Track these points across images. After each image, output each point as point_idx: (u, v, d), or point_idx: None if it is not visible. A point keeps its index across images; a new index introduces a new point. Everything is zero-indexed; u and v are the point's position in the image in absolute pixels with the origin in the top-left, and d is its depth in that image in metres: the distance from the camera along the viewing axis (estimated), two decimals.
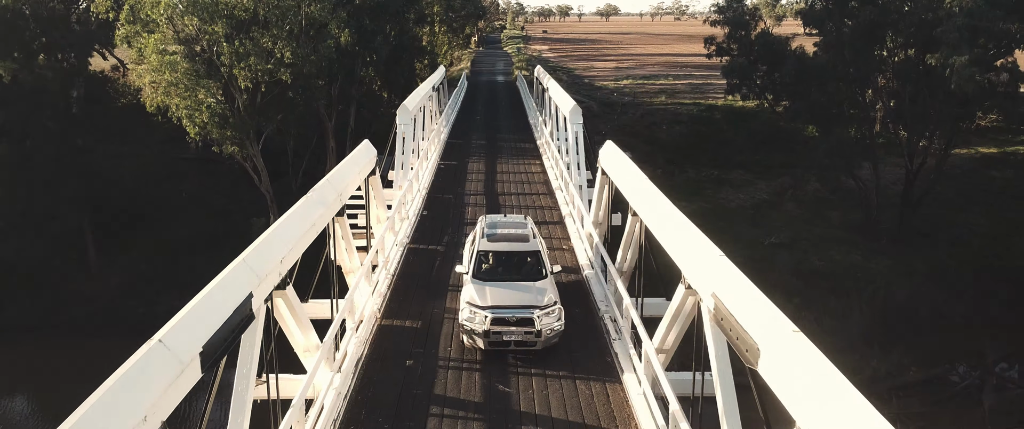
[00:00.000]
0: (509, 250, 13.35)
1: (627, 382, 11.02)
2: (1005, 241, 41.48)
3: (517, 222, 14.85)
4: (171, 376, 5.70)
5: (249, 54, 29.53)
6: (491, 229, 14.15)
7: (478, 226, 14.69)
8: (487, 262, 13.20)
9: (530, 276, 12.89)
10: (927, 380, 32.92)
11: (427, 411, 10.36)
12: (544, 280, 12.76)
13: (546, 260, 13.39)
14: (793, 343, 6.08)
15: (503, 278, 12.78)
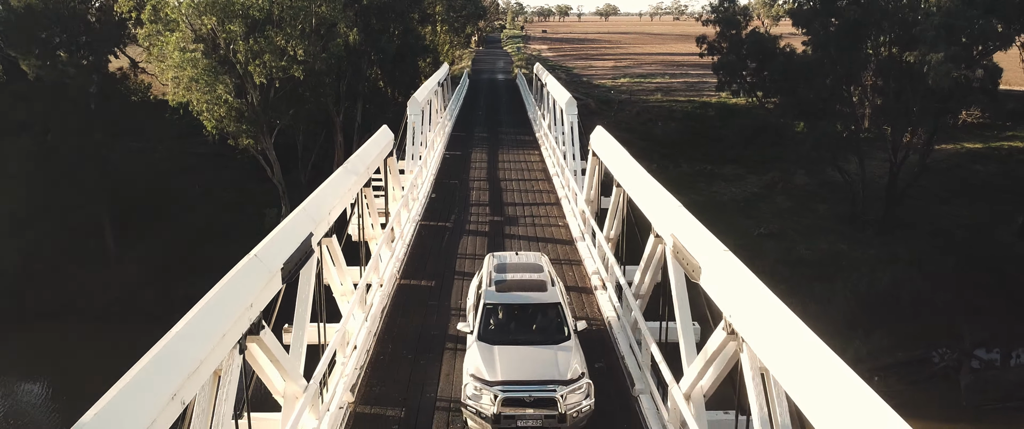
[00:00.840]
0: (522, 302, 11.25)
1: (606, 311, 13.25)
2: (986, 232, 43.65)
3: (530, 264, 12.67)
4: (264, 280, 7.91)
5: (264, 52, 31.75)
6: (499, 273, 12.07)
7: (483, 269, 12.66)
8: (495, 318, 11.13)
9: (549, 336, 10.83)
10: (907, 362, 34.98)
11: (443, 346, 12.60)
12: (567, 342, 10.68)
13: (569, 313, 11.31)
14: (723, 260, 8.30)
15: (516, 339, 10.74)
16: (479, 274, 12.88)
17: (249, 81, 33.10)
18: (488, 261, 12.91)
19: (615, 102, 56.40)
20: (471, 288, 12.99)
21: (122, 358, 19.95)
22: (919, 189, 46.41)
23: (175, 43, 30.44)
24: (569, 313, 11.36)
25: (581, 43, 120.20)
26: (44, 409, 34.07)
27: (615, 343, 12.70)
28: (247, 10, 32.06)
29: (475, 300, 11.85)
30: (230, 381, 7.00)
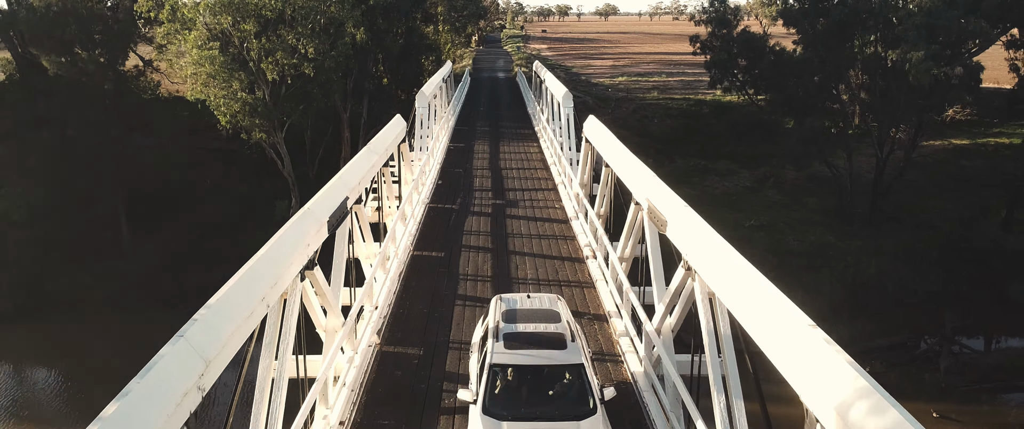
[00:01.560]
0: (537, 363, 9.52)
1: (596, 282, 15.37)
2: (971, 225, 45.77)
3: (545, 311, 10.59)
4: (316, 227, 10.00)
5: (276, 49, 33.88)
6: (508, 324, 10.17)
7: (489, 316, 10.75)
8: (503, 382, 9.43)
9: (570, 408, 9.11)
10: (890, 346, 37.00)
11: (454, 301, 14.72)
12: (593, 416, 9.04)
13: (593, 377, 9.61)
14: (684, 214, 10.38)
15: (529, 411, 9.07)
16: (483, 322, 11.05)
17: (261, 78, 35.20)
18: (494, 307, 10.80)
19: (612, 100, 58.51)
20: (474, 338, 11.20)
21: (138, 344, 23.14)
22: (906, 184, 48.54)
23: (193, 41, 32.53)
24: (594, 376, 9.58)
25: (580, 42, 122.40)
26: (60, 395, 35.66)
27: (601, 301, 14.81)
28: (260, 10, 34.19)
29: (479, 355, 10.12)
30: (294, 304, 9.05)
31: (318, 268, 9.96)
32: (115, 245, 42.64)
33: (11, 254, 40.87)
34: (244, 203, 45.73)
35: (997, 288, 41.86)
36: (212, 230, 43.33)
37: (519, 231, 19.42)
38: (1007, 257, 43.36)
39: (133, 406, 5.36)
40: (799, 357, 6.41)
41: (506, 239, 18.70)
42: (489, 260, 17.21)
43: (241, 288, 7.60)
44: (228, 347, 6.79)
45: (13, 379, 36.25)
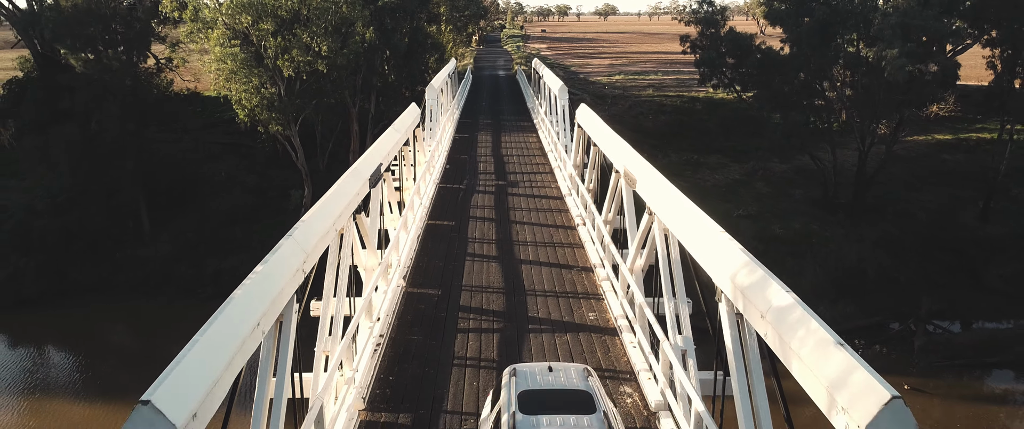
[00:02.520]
0: None
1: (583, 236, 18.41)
2: (950, 216, 48.80)
3: (573, 391, 8.29)
4: (361, 182, 13.01)
5: (292, 47, 36.91)
6: (525, 414, 7.77)
7: (501, 398, 8.34)
8: None
9: None
10: (867, 326, 39.95)
11: (464, 257, 17.76)
12: None
13: None
14: (650, 174, 13.37)
15: None
16: (491, 401, 8.94)
17: (278, 74, 38.23)
18: (507, 385, 8.38)
19: (609, 97, 61.57)
20: (481, 419, 9.13)
21: (158, 328, 26.90)
22: (889, 176, 51.61)
23: (216, 39, 35.55)
24: None
25: (579, 42, 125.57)
26: (83, 375, 38.16)
27: (588, 257, 17.84)
28: (276, 10, 37.25)
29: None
30: (349, 240, 12.01)
31: (363, 215, 12.97)
32: (136, 234, 45.59)
33: (36, 242, 43.75)
34: (256, 194, 48.80)
35: (973, 274, 44.87)
36: (227, 220, 46.32)
37: (519, 206, 22.47)
38: (982, 245, 46.43)
39: (262, 278, 8.29)
40: (714, 255, 9.38)
41: (508, 212, 21.75)
42: (493, 228, 20.24)
43: (317, 215, 10.57)
44: (317, 249, 9.78)
45: (38, 360, 38.74)
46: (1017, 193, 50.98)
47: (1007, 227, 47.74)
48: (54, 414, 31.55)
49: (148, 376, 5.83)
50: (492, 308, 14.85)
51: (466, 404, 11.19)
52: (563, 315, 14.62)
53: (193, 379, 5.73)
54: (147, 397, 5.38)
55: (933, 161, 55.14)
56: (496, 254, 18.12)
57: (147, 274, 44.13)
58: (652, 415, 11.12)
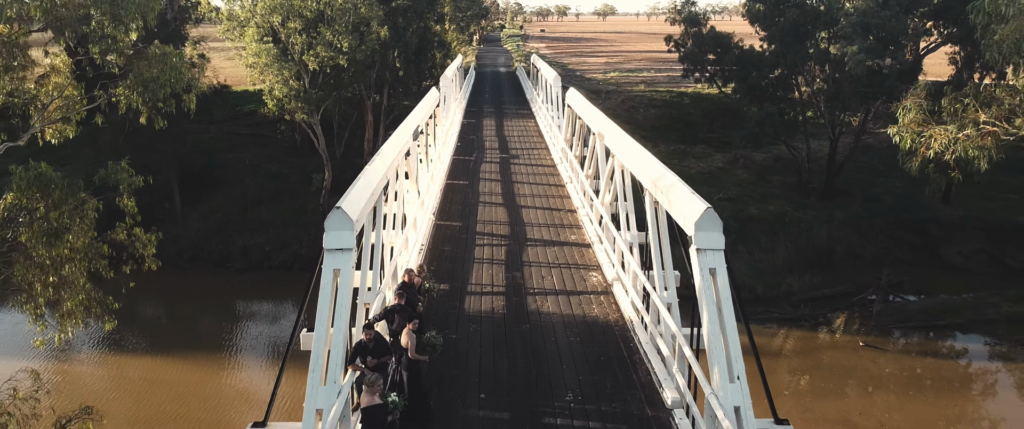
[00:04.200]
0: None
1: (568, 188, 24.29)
2: (915, 199, 54.58)
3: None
4: (406, 137, 18.86)
5: (317, 44, 42.76)
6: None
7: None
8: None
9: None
10: (831, 295, 45.60)
11: (477, 204, 23.61)
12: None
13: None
14: (616, 132, 19.20)
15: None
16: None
17: (304, 68, 44.08)
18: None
19: (603, 93, 67.48)
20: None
21: (191, 297, 34.46)
22: (861, 164, 57.46)
23: (251, 36, 41.41)
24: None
25: (577, 41, 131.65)
26: (124, 338, 43.48)
27: (573, 203, 23.72)
28: (302, 10, 43.11)
29: None
30: (413, 157, 17.79)
31: (421, 137, 18.80)
32: (170, 214, 51.38)
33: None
34: (278, 180, 54.67)
35: (933, 252, 50.57)
36: (252, 202, 52.15)
37: (519, 171, 28.36)
38: (943, 226, 52.17)
39: (374, 165, 14.11)
40: (644, 172, 15.12)
41: (510, 175, 27.62)
42: (499, 186, 26.11)
43: (386, 148, 16.37)
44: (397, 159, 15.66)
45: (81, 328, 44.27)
46: (978, 178, 56.77)
47: (967, 209, 53.43)
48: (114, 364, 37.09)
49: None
50: (499, 233, 20.71)
51: (483, 282, 17.04)
52: (553, 238, 20.52)
53: (355, 199, 11.56)
54: (339, 204, 11.14)
55: None
56: (502, 202, 24.00)
57: (180, 249, 49.79)
58: (609, 285, 16.97)
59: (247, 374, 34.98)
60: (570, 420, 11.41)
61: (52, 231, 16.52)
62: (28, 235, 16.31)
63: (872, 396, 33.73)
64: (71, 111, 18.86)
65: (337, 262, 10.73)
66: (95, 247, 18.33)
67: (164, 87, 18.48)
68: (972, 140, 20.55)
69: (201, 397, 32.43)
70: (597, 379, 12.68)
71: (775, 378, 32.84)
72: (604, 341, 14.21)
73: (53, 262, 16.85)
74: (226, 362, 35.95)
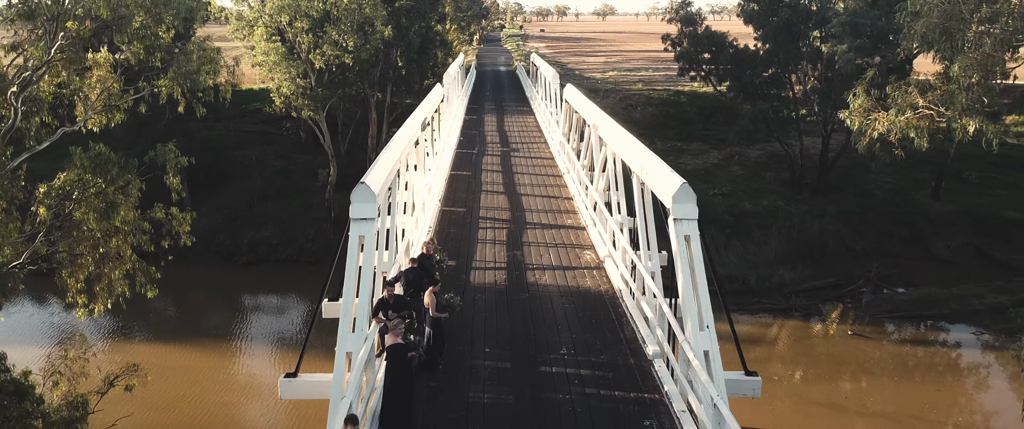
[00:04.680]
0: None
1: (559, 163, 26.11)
2: (905, 194, 56.38)
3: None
4: (419, 122, 20.66)
5: (323, 43, 44.55)
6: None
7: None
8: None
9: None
10: (821, 286, 47.38)
11: (480, 192, 25.40)
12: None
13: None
14: (609, 123, 21.00)
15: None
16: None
17: (310, 67, 45.88)
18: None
19: (601, 91, 69.29)
20: None
21: (200, 289, 36.78)
22: (853, 160, 59.18)
23: (259, 36, 43.21)
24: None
25: (577, 41, 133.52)
26: (134, 329, 45.10)
27: (570, 191, 25.51)
28: (309, 10, 44.92)
29: None
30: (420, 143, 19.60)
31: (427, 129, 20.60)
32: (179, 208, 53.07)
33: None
34: (284, 176, 56.48)
35: (922, 245, 52.31)
36: (258, 196, 53.93)
37: (519, 162, 30.21)
38: (932, 220, 53.94)
39: (391, 146, 15.92)
40: (632, 158, 16.89)
41: (511, 166, 29.45)
42: (500, 176, 27.93)
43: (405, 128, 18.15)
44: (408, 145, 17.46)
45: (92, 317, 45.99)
46: (967, 175, 58.60)
47: (955, 204, 55.19)
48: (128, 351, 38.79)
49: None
50: (500, 217, 22.53)
51: (486, 259, 18.83)
52: (550, 222, 22.37)
53: (376, 176, 13.39)
54: (363, 181, 12.93)
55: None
56: (503, 190, 25.82)
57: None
58: (601, 262, 18.79)
59: (255, 361, 36.74)
60: (564, 369, 13.20)
61: (108, 205, 18.35)
62: (83, 209, 18.12)
63: (859, 382, 35.46)
64: (112, 101, 20.61)
65: (362, 229, 12.51)
66: (138, 223, 20.11)
67: (205, 78, 20.34)
68: (910, 122, 22.69)
69: (212, 382, 34.19)
70: (588, 337, 14.48)
71: (767, 366, 34.58)
72: (595, 307, 16.00)
73: (102, 234, 18.67)
74: (234, 350, 37.72)
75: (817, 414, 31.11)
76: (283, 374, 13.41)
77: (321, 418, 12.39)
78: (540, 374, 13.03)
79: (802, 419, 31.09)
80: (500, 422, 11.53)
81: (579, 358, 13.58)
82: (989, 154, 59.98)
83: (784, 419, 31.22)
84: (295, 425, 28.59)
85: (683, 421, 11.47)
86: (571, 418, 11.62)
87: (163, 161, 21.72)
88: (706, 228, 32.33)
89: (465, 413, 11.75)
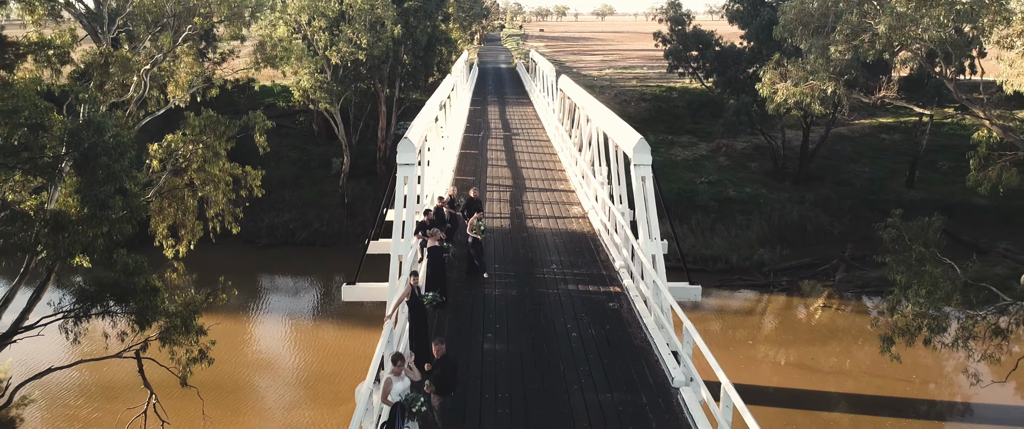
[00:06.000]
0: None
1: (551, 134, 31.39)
2: (881, 183, 61.63)
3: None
4: (437, 102, 25.89)
5: (339, 40, 49.80)
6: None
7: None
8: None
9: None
10: (798, 265, 52.52)
11: (486, 166, 30.64)
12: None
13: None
14: (590, 102, 26.25)
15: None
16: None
17: (326, 63, 51.13)
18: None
19: (597, 87, 74.62)
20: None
21: (222, 271, 42.44)
22: (834, 152, 64.57)
23: (282, 33, 48.43)
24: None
25: (575, 41, 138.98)
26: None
27: (563, 165, 30.75)
28: (326, 10, 50.19)
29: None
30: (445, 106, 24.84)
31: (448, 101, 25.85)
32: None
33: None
34: (299, 166, 61.68)
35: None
36: (277, 185, 59.05)
37: (519, 143, 35.49)
38: (904, 206, 58.91)
39: (427, 107, 21.17)
40: (605, 124, 22.13)
41: (512, 146, 34.69)
42: (503, 155, 33.18)
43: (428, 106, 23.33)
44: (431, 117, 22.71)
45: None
46: (941, 165, 63.88)
47: (928, 192, 60.40)
48: None
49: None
50: (503, 184, 27.80)
51: (493, 212, 24.05)
52: (546, 186, 27.62)
53: (414, 134, 18.72)
54: (406, 136, 18.19)
55: (873, 140, 68.17)
56: (505, 164, 31.08)
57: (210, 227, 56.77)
58: (585, 213, 24.05)
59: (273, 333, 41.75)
60: (553, 276, 18.48)
61: (214, 153, 23.72)
62: (196, 159, 23.45)
63: (826, 346, 40.61)
64: (197, 82, 25.94)
65: (405, 172, 17.75)
66: (228, 173, 25.45)
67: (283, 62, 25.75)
68: (802, 90, 28.75)
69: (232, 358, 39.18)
70: (573, 258, 19.75)
71: (748, 334, 39.62)
72: (579, 241, 21.28)
73: (200, 182, 24.02)
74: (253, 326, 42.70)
75: (794, 373, 36.14)
76: (344, 282, 18.60)
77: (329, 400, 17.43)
78: (536, 279, 18.27)
79: (781, 378, 36.13)
80: (508, 306, 16.78)
81: (565, 271, 18.82)
82: (963, 145, 65.33)
83: (765, 378, 36.27)
84: (304, 400, 32.38)
85: (636, 302, 16.70)
86: (558, 304, 16.87)
87: (253, 124, 26.81)
88: (693, 213, 37.13)
89: (482, 301, 17.01)
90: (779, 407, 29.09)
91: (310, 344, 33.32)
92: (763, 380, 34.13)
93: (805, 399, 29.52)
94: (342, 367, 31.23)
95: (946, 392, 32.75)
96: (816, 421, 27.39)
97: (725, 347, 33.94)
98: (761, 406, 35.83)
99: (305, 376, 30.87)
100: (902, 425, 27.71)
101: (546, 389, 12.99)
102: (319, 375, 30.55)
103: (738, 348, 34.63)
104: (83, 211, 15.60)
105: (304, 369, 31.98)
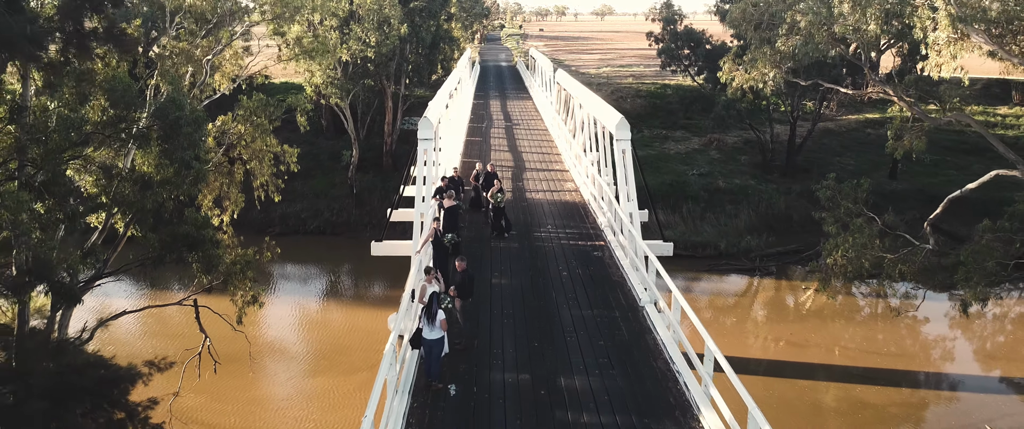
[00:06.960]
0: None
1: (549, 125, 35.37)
2: (865, 174, 65.50)
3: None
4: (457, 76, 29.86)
5: (349, 39, 53.78)
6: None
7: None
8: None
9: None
10: (784, 252, 56.50)
11: (490, 153, 34.63)
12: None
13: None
14: (585, 92, 30.23)
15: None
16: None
17: (338, 60, 55.11)
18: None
19: (594, 85, 78.65)
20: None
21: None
22: (821, 146, 68.57)
23: (296, 31, 52.41)
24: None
25: (574, 40, 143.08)
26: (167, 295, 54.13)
27: (559, 149, 34.74)
28: (336, 10, 54.18)
29: None
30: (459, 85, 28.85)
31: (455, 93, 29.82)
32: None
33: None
34: (309, 158, 65.50)
35: (878, 219, 61.31)
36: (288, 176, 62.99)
37: (519, 132, 39.46)
38: (887, 197, 63.01)
39: (445, 86, 25.17)
40: (589, 105, 26.06)
41: (513, 134, 38.65)
42: (504, 141, 37.15)
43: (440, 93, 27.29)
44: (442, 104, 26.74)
45: (131, 285, 54.86)
46: (923, 158, 67.86)
47: (910, 183, 64.37)
48: None
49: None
50: (506, 166, 31.76)
51: None
52: (543, 168, 31.58)
53: (432, 113, 22.72)
54: (425, 115, 22.19)
55: (859, 134, 72.20)
56: (507, 150, 35.05)
57: None
58: (577, 188, 28.01)
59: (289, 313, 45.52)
60: (549, 234, 22.49)
61: (263, 131, 27.78)
62: (247, 136, 27.48)
63: (805, 323, 44.55)
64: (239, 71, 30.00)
65: (425, 145, 21.72)
66: (272, 148, 29.47)
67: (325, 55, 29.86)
68: (755, 78, 33.00)
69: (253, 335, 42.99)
70: (565, 221, 23.77)
71: (736, 313, 43.55)
72: (571, 208, 25.28)
73: (250, 156, 28.07)
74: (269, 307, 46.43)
75: (780, 348, 40.01)
76: (371, 240, 22.59)
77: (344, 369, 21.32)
78: (534, 236, 22.29)
79: (769, 353, 40.01)
80: (510, 255, 20.82)
81: (558, 230, 22.82)
82: (944, 139, 69.35)
83: (754, 351, 40.13)
84: (322, 368, 36.37)
85: (616, 251, 20.69)
86: (552, 254, 20.88)
87: (296, 106, 30.84)
88: (684, 203, 41.05)
89: (488, 251, 21.06)
90: (765, 376, 33.01)
91: (323, 323, 37.14)
92: (755, 354, 38.06)
93: (788, 369, 33.41)
94: (354, 341, 34.96)
95: (921, 363, 36.83)
96: (793, 387, 31.25)
97: (710, 324, 37.84)
98: (748, 375, 39.97)
99: (322, 348, 33.94)
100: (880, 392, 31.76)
101: (541, 308, 16.98)
102: (335, 348, 33.70)
103: (724, 326, 38.55)
104: (168, 172, 19.56)
105: (321, 342, 35.30)
